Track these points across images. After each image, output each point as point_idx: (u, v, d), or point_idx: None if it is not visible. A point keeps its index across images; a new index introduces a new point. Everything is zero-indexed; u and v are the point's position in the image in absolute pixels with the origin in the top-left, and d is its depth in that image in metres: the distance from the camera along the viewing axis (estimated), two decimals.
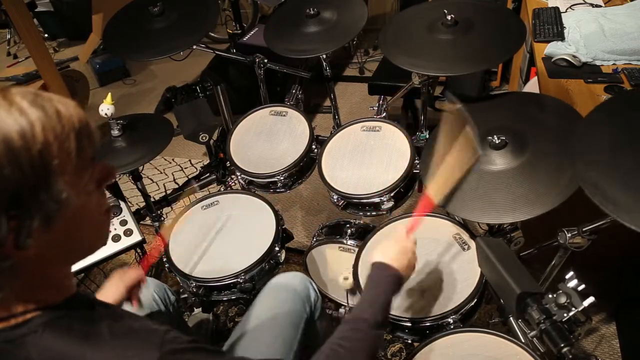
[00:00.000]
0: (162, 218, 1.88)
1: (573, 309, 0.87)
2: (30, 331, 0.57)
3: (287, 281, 1.24)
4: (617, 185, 0.90)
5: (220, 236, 1.52)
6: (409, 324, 1.19)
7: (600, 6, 1.95)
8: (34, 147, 0.51)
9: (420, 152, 1.37)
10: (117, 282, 1.07)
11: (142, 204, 1.85)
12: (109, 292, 1.06)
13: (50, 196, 0.53)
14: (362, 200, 1.44)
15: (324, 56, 1.78)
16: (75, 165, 0.56)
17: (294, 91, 1.95)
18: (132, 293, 1.10)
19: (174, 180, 2.71)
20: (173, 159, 2.88)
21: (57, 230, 0.56)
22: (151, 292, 1.28)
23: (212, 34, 3.81)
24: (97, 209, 0.63)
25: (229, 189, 1.90)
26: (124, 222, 1.62)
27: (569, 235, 1.10)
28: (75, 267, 0.87)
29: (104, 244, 0.66)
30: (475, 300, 1.18)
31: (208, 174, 2.02)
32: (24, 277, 0.57)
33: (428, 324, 1.17)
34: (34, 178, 0.51)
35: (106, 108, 1.51)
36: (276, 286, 1.24)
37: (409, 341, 1.26)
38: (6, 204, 0.50)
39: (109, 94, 1.54)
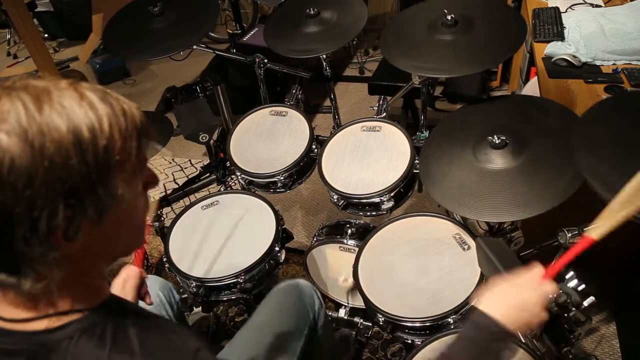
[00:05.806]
0: (162, 218, 1.88)
1: (573, 309, 0.87)
2: (66, 337, 0.57)
3: (294, 287, 1.25)
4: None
5: (220, 236, 1.52)
6: (409, 324, 1.20)
7: (600, 6, 1.95)
8: (100, 142, 0.52)
9: (420, 152, 1.37)
10: (122, 289, 1.04)
11: None
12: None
13: (107, 191, 0.54)
14: (362, 200, 1.44)
15: (324, 56, 1.78)
16: (133, 165, 0.57)
17: (294, 91, 1.95)
18: (142, 292, 1.08)
19: (174, 180, 2.71)
20: (173, 159, 2.87)
21: (105, 227, 0.56)
22: (157, 291, 1.29)
23: (212, 34, 3.80)
24: (142, 210, 0.64)
25: (229, 189, 1.90)
26: None
27: (569, 235, 1.10)
28: None
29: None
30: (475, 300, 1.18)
31: (208, 174, 2.02)
32: (66, 269, 0.56)
33: (428, 324, 1.17)
34: (96, 172, 0.52)
35: None
36: (283, 290, 1.24)
37: (409, 341, 1.26)
38: (66, 193, 0.51)
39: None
